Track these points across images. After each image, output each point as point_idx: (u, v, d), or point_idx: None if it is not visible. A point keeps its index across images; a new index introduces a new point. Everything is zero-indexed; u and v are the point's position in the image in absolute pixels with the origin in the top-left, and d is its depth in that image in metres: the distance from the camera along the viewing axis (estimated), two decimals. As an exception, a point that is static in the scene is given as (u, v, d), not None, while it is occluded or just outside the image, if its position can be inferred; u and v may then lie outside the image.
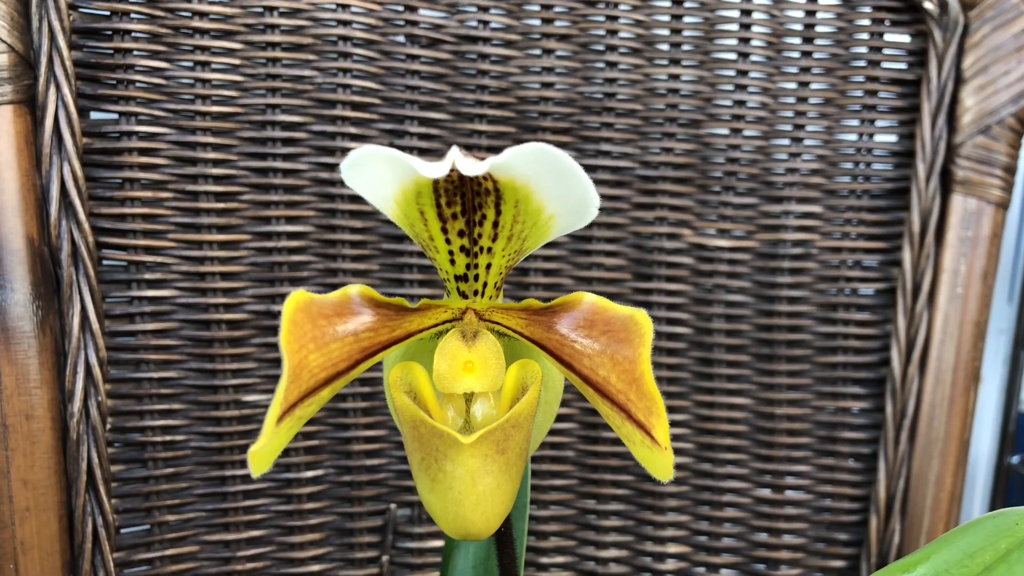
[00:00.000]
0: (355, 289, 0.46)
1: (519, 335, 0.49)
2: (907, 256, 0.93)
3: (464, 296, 0.50)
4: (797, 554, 0.99)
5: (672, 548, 0.98)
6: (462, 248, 0.47)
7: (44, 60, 0.79)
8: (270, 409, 0.42)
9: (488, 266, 0.48)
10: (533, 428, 0.48)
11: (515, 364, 0.49)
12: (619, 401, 0.45)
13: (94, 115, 0.83)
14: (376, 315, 0.46)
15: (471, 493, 0.44)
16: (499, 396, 0.49)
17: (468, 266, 0.48)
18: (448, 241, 0.47)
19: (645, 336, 0.44)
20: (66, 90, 0.79)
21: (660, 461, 0.44)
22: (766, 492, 0.98)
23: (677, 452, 0.96)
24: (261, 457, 0.42)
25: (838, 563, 0.99)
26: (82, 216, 0.81)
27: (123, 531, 0.86)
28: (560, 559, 0.98)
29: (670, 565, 0.98)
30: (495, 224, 0.46)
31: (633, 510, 0.98)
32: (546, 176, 0.42)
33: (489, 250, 0.47)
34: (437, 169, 0.40)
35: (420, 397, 0.48)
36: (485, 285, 0.49)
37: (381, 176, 0.42)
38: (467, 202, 0.45)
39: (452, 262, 0.48)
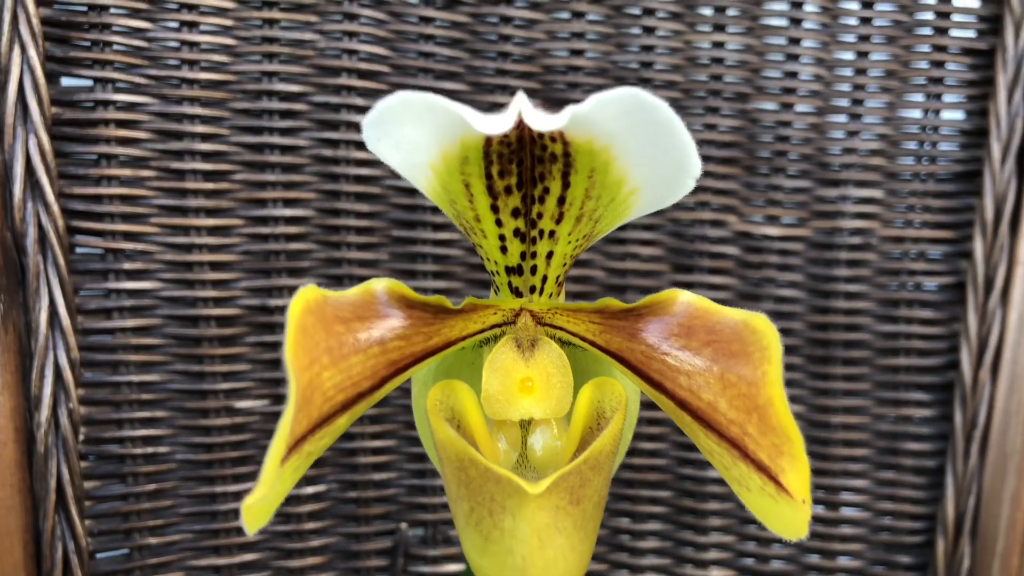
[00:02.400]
0: (381, 284, 0.36)
1: (591, 344, 0.39)
2: (978, 247, 0.88)
3: (518, 294, 0.40)
4: None
5: (716, 572, 0.92)
6: (516, 232, 0.37)
7: (7, 17, 0.73)
8: (272, 446, 0.31)
9: (549, 255, 0.38)
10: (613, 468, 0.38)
11: (590, 384, 0.38)
12: (731, 435, 0.34)
13: (65, 81, 0.78)
14: (408, 318, 0.36)
15: (538, 558, 0.33)
16: (565, 424, 0.39)
17: (524, 255, 0.38)
18: (499, 223, 0.37)
19: (769, 349, 0.34)
20: (32, 52, 0.74)
21: (788, 516, 0.34)
22: (819, 509, 0.92)
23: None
24: (259, 510, 0.31)
25: None
26: (51, 197, 0.75)
27: (98, 556, 0.81)
28: None
29: None
30: (561, 201, 0.36)
31: (672, 530, 0.92)
32: (636, 135, 0.32)
33: (551, 234, 0.37)
34: (498, 123, 0.30)
35: (465, 425, 0.38)
36: (544, 280, 0.39)
37: (416, 136, 0.32)
38: (525, 172, 0.35)
39: (503, 250, 0.38)
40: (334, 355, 0.34)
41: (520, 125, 0.31)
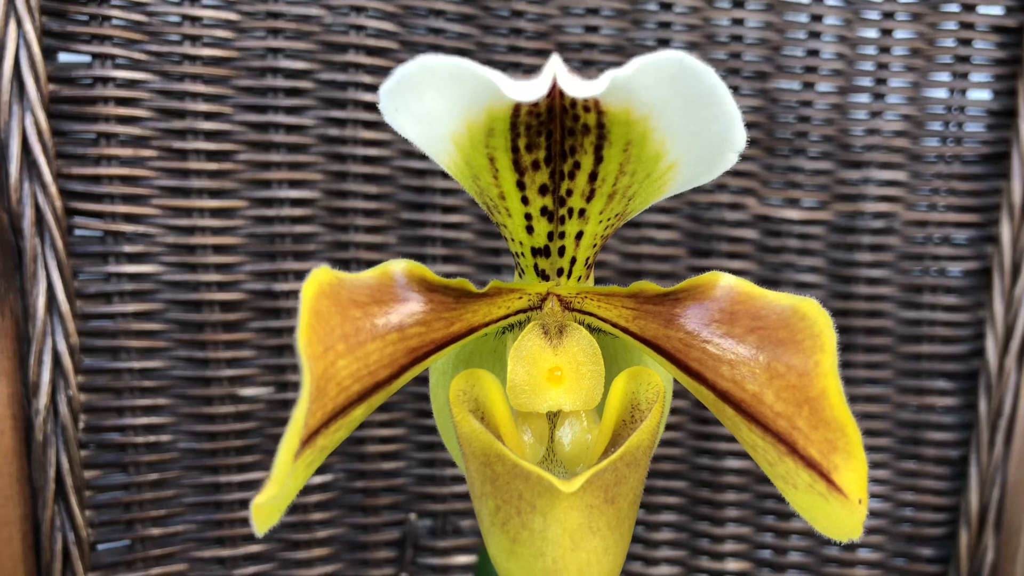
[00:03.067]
0: (399, 266, 0.34)
1: (623, 331, 0.36)
2: (1005, 231, 0.85)
3: (544, 277, 0.37)
4: (874, 571, 0.91)
5: (732, 565, 0.90)
6: (544, 210, 0.35)
7: None
8: (284, 441, 0.29)
9: (579, 235, 0.35)
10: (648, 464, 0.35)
11: (624, 373, 0.36)
12: (777, 429, 0.32)
13: (62, 57, 0.76)
14: (429, 302, 0.34)
15: (571, 561, 0.31)
16: (595, 416, 0.36)
17: (551, 235, 0.35)
18: (525, 200, 0.34)
19: (822, 337, 0.31)
20: (28, 26, 0.71)
21: (840, 515, 0.32)
22: None
23: (737, 455, 0.85)
24: (270, 509, 0.29)
25: None
26: (48, 177, 0.74)
27: (99, 547, 0.80)
28: None
29: None
30: (592, 176, 0.33)
31: (687, 521, 0.90)
32: (678, 104, 0.29)
33: (582, 213, 0.34)
34: (531, 89, 0.27)
35: (489, 417, 0.36)
36: (573, 262, 0.36)
37: (438, 105, 0.30)
38: (554, 145, 0.33)
39: (529, 230, 0.35)
40: (350, 342, 0.31)
41: (552, 92, 0.28)
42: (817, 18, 0.85)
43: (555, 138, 0.33)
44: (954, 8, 0.86)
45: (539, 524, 0.31)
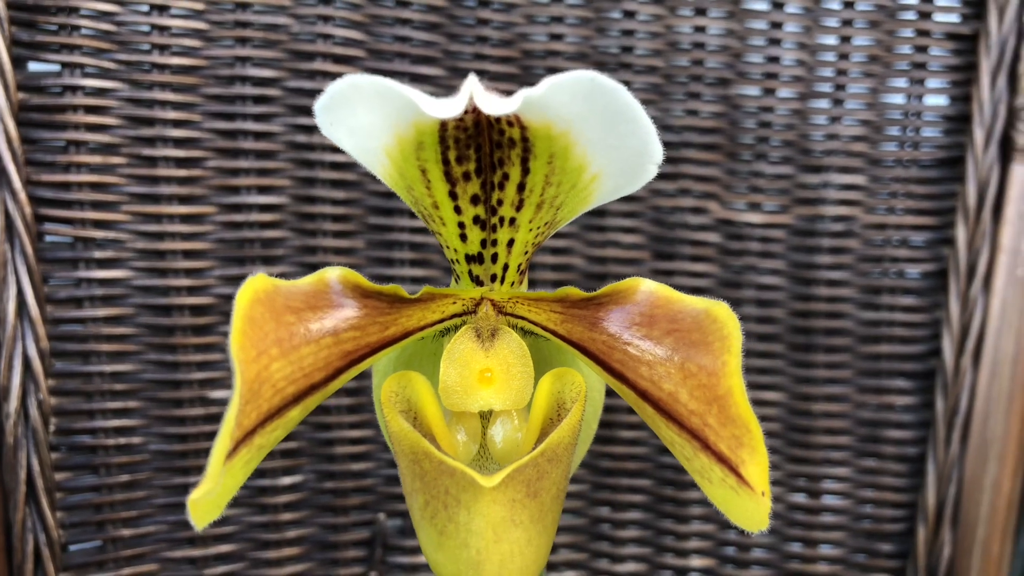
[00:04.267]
0: (334, 273, 0.35)
1: (552, 334, 0.38)
2: (961, 233, 0.87)
3: (478, 283, 0.39)
4: (835, 567, 0.91)
5: (696, 561, 0.91)
6: (476, 219, 0.36)
7: None
8: (217, 440, 0.30)
9: (510, 243, 0.37)
10: (573, 459, 0.37)
11: (549, 374, 0.38)
12: (691, 426, 0.33)
13: (32, 66, 0.77)
14: (363, 308, 0.35)
15: (494, 552, 0.33)
16: (526, 416, 0.38)
17: (484, 243, 0.37)
18: (458, 210, 0.36)
19: (729, 339, 0.33)
20: None
21: (749, 507, 0.33)
22: (800, 498, 0.91)
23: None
24: (207, 504, 0.30)
25: None
26: (17, 184, 0.74)
27: (71, 548, 0.80)
28: (571, 574, 0.91)
29: None
30: (521, 187, 0.35)
31: (652, 519, 0.91)
32: (594, 120, 0.31)
33: (512, 222, 0.36)
34: (449, 107, 0.29)
35: (422, 417, 0.37)
36: (506, 268, 0.38)
37: (369, 120, 0.31)
38: (484, 157, 0.34)
39: (463, 238, 0.37)
40: (284, 346, 0.33)
41: (475, 109, 0.30)
42: (777, 25, 0.86)
43: (484, 151, 0.34)
44: (911, 16, 0.87)
45: (464, 517, 0.33)
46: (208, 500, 0.31)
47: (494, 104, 0.29)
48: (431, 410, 0.37)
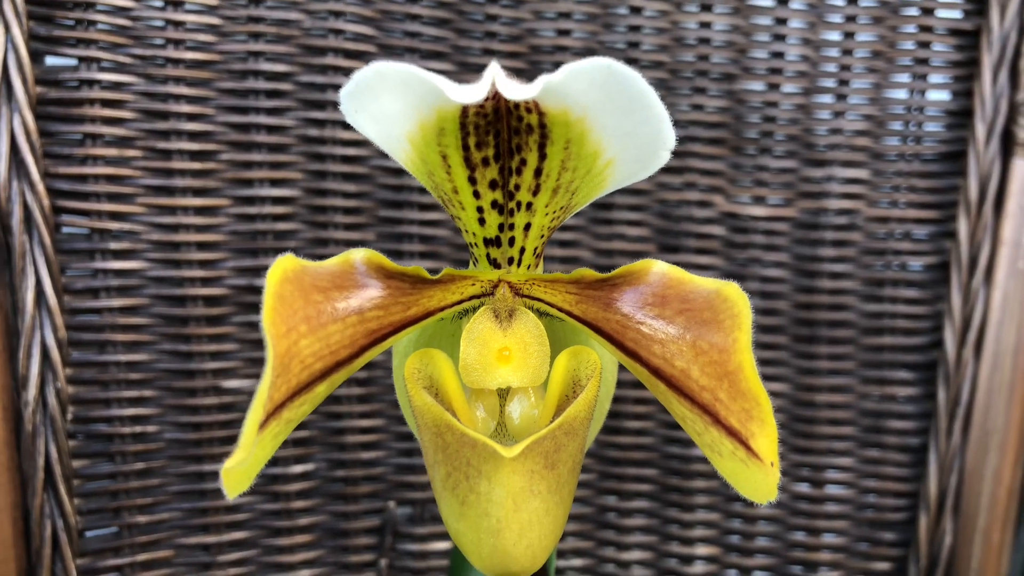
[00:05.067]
0: (359, 255, 0.36)
1: (567, 314, 0.39)
2: (962, 227, 0.88)
3: (496, 265, 0.40)
4: (838, 555, 0.92)
5: (701, 549, 0.92)
6: (494, 204, 0.37)
7: None
8: (250, 412, 0.32)
9: (527, 227, 0.38)
10: (588, 434, 0.38)
11: (565, 352, 0.39)
12: (702, 401, 0.35)
13: (49, 60, 0.78)
14: (386, 288, 0.37)
15: (513, 521, 0.34)
16: (542, 393, 0.39)
17: (502, 227, 0.38)
18: (477, 195, 0.37)
19: (740, 317, 0.34)
20: (16, 30, 0.73)
21: (758, 479, 0.35)
22: (804, 487, 0.92)
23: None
24: (239, 474, 0.32)
25: (883, 565, 0.92)
26: (36, 176, 0.75)
27: (87, 534, 0.81)
28: (578, 562, 0.92)
29: (699, 568, 0.93)
30: (538, 172, 0.36)
31: (658, 508, 0.92)
32: (610, 107, 0.32)
33: (529, 206, 0.37)
34: (472, 92, 0.30)
35: (443, 393, 0.38)
36: (523, 251, 0.39)
37: (393, 107, 0.32)
38: (502, 144, 0.35)
39: (481, 222, 0.38)
40: (312, 323, 0.34)
41: (495, 95, 0.31)
42: (782, 21, 0.87)
43: (503, 136, 0.35)
44: (913, 12, 0.88)
45: (484, 487, 0.34)
46: (240, 470, 0.32)
47: (515, 89, 0.30)
48: (452, 387, 0.39)
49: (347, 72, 0.82)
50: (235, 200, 0.82)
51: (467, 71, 0.85)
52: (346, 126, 0.83)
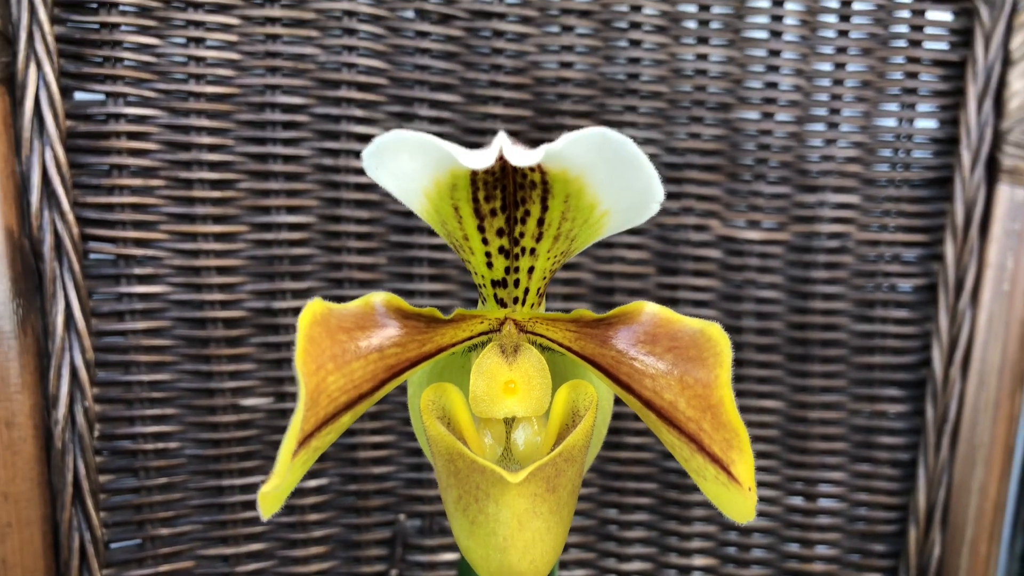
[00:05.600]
0: (379, 298, 0.40)
1: (567, 350, 0.43)
2: (949, 250, 0.90)
3: (503, 304, 0.44)
4: (831, 566, 0.95)
5: (699, 560, 0.95)
6: (501, 249, 0.41)
7: (24, 35, 0.75)
8: (284, 442, 0.35)
9: (530, 270, 0.42)
10: (586, 460, 0.42)
11: (565, 385, 0.43)
12: (689, 431, 0.38)
13: (78, 95, 0.80)
14: (403, 328, 0.40)
15: (518, 539, 0.38)
16: (544, 422, 0.43)
17: (508, 270, 0.42)
18: (485, 241, 0.41)
19: (722, 355, 0.38)
20: (48, 68, 0.76)
21: (739, 501, 0.38)
22: (798, 500, 0.95)
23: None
24: (273, 498, 0.36)
25: None
26: (66, 205, 0.78)
27: (112, 546, 0.84)
28: (580, 572, 0.95)
29: None
30: (540, 222, 0.40)
31: (657, 520, 0.95)
32: (604, 167, 0.36)
33: (532, 251, 0.41)
34: (483, 158, 0.34)
35: (454, 422, 0.42)
36: (527, 292, 0.43)
37: (411, 166, 0.36)
38: (508, 196, 0.39)
39: (489, 265, 0.42)
40: (338, 361, 0.38)
41: (501, 159, 0.35)
42: (775, 53, 0.89)
43: (508, 191, 0.39)
44: (902, 44, 0.90)
45: (492, 509, 0.38)
46: (274, 494, 0.36)
47: (520, 156, 0.34)
48: (462, 416, 0.42)
49: (360, 104, 0.86)
50: (253, 227, 0.84)
51: (474, 102, 0.87)
52: (359, 155, 0.86)
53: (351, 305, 0.40)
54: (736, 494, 0.38)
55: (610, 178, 0.36)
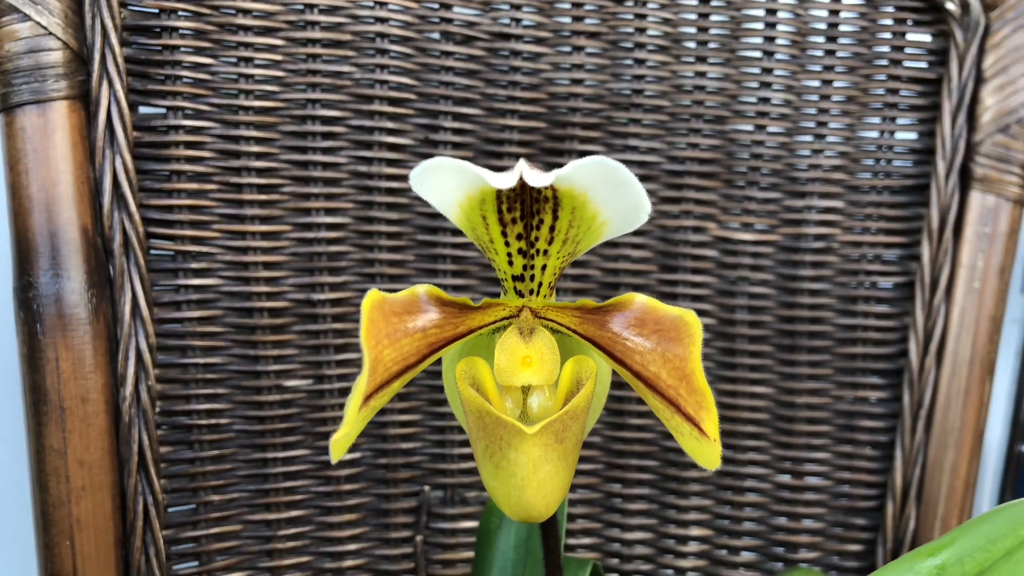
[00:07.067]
0: (422, 288, 0.50)
1: (573, 332, 0.52)
2: (926, 251, 0.95)
3: (521, 295, 0.53)
4: (815, 538, 1.01)
5: (695, 531, 1.00)
6: (520, 250, 0.51)
7: (97, 57, 0.81)
8: (350, 399, 0.45)
9: (543, 267, 0.52)
10: (587, 419, 0.52)
11: (571, 360, 0.52)
12: (669, 396, 0.48)
13: (143, 110, 0.86)
14: (442, 312, 0.50)
15: (533, 479, 0.47)
16: (554, 389, 0.53)
17: (525, 267, 0.52)
18: (507, 244, 0.50)
19: (695, 335, 0.48)
20: (118, 86, 0.82)
21: (708, 452, 0.48)
22: (786, 478, 1.00)
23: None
24: (342, 444, 0.45)
25: (855, 547, 1.01)
26: (133, 207, 0.83)
27: (171, 510, 0.89)
28: (587, 540, 1.01)
29: (692, 548, 1.01)
30: (551, 228, 0.49)
31: (657, 495, 1.00)
32: (603, 186, 0.45)
33: (545, 252, 0.51)
34: (506, 180, 0.43)
35: (482, 389, 0.52)
36: (540, 284, 0.53)
37: (448, 184, 0.46)
38: (526, 208, 0.49)
39: (510, 263, 0.52)
40: (391, 338, 0.48)
41: (521, 180, 0.45)
42: (768, 71, 0.94)
43: (526, 204, 0.49)
44: (884, 63, 0.95)
45: (512, 455, 0.48)
46: (343, 441, 0.46)
47: (536, 178, 0.44)
48: (489, 384, 0.52)
49: (391, 117, 0.91)
50: (295, 226, 0.89)
51: (493, 115, 0.93)
52: (390, 163, 0.92)
53: (401, 294, 0.50)
54: (706, 446, 0.48)
55: (608, 195, 0.46)
